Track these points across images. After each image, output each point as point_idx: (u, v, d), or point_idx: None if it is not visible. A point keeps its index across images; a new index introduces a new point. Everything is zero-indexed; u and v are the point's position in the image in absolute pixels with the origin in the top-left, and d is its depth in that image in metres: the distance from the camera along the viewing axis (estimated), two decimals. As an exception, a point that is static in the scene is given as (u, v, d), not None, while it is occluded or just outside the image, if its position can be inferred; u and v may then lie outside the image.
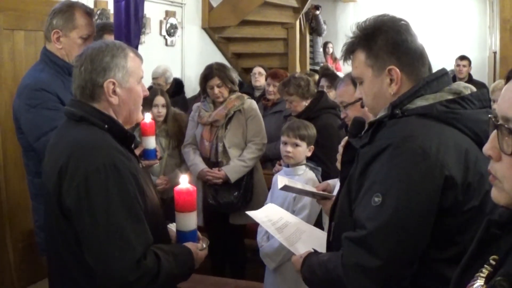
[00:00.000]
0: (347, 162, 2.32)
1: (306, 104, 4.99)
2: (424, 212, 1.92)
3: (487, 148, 1.37)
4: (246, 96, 5.00)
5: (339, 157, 2.71)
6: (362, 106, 2.36)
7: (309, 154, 4.00)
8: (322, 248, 2.50)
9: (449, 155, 1.94)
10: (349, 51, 2.26)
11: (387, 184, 1.95)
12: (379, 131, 2.09)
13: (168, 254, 2.31)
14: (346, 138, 2.60)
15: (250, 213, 3.19)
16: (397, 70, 2.11)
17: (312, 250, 2.46)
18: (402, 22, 2.19)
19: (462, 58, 9.28)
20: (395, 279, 1.97)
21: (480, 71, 11.11)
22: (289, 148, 3.93)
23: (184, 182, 2.56)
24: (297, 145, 3.93)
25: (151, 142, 3.86)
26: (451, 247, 1.95)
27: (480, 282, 1.37)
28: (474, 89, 2.16)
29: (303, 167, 3.95)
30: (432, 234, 1.94)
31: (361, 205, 2.03)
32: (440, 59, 6.89)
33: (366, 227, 1.95)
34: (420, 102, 2.06)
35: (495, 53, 9.92)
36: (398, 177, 1.93)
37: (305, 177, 3.84)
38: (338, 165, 2.65)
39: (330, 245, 2.42)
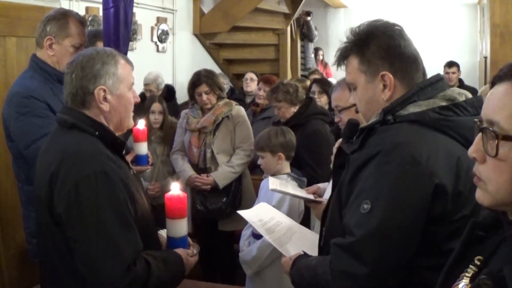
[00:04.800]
0: (339, 167, 2.27)
1: (295, 110, 4.99)
2: (412, 220, 1.87)
3: (472, 151, 1.41)
4: (234, 103, 5.01)
5: (333, 158, 2.70)
6: (357, 111, 2.32)
7: (280, 162, 3.97)
8: (312, 250, 2.47)
9: (440, 163, 1.90)
10: (343, 57, 2.22)
11: (376, 192, 1.91)
12: (369, 137, 2.05)
13: (159, 260, 2.32)
14: (339, 141, 2.57)
15: (241, 212, 3.17)
16: (390, 75, 2.08)
17: (302, 252, 2.43)
18: (396, 27, 2.15)
19: (450, 65, 9.10)
20: (382, 286, 1.93)
21: (471, 76, 11.15)
22: (260, 161, 4.02)
23: (175, 188, 2.57)
24: (262, 156, 3.99)
25: (143, 148, 3.85)
26: (441, 255, 1.87)
27: (465, 281, 1.39)
28: (470, 95, 2.11)
29: (285, 176, 3.94)
30: (422, 242, 1.91)
31: (350, 211, 2.00)
32: (431, 64, 6.88)
33: (354, 234, 1.92)
34: (412, 109, 2.02)
35: (485, 58, 9.91)
36: (387, 185, 1.89)
37: None
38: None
39: (321, 250, 2.39)
